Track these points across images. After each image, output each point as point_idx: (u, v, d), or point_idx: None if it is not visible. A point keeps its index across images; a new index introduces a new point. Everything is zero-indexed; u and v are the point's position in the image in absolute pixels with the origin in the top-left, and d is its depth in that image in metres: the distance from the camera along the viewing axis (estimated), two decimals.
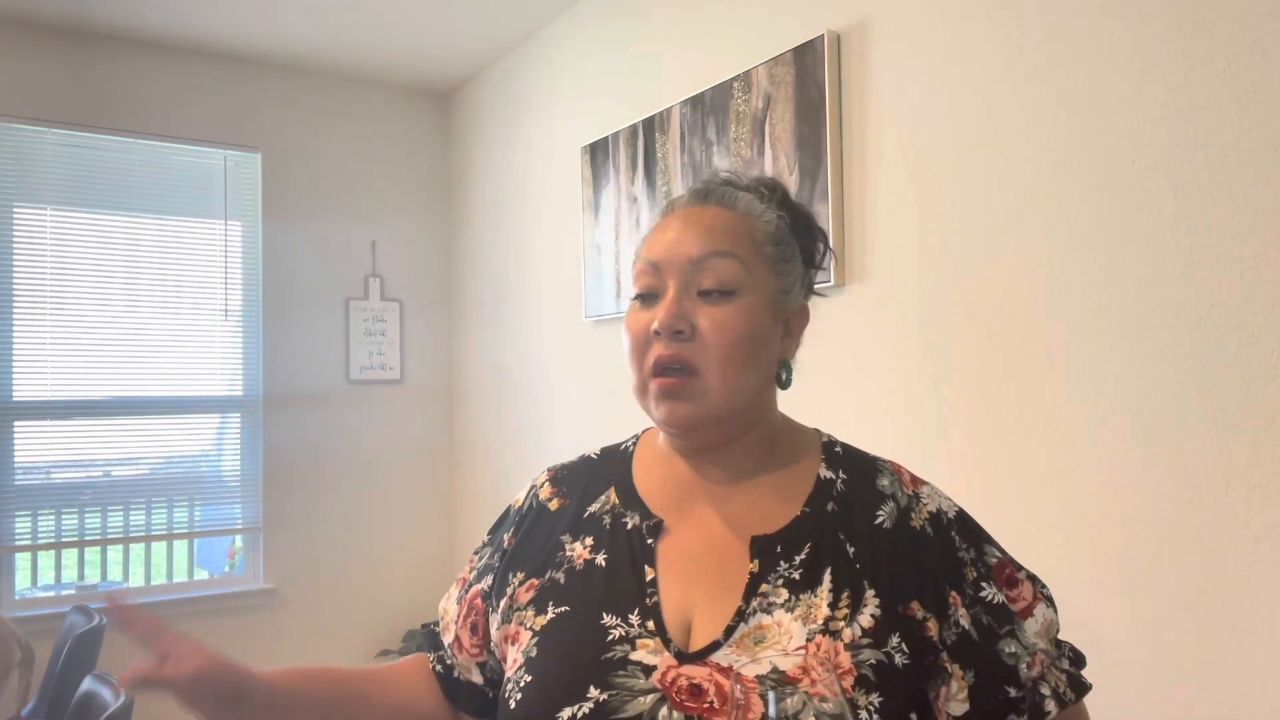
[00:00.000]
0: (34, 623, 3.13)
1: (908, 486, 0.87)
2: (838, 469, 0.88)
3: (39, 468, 3.32)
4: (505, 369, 3.64)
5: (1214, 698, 1.50)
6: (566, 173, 3.22)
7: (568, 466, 0.99)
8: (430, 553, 3.96)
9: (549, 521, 0.93)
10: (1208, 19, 1.52)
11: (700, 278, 0.84)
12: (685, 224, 0.87)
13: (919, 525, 0.84)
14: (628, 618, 0.81)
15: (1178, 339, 1.55)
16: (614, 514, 0.90)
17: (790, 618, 0.78)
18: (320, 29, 3.40)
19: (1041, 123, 1.76)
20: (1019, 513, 1.78)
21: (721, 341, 0.82)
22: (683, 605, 0.82)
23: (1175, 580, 1.55)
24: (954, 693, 0.79)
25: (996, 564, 0.85)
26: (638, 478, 0.92)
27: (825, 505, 0.85)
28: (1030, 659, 0.81)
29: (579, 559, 0.88)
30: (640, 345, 0.85)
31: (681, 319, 0.82)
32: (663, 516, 0.88)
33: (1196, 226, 1.53)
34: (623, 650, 0.79)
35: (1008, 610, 0.83)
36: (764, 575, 0.81)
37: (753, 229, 0.87)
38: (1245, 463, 1.47)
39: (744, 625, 0.79)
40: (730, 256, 0.85)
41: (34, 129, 3.28)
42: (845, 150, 2.15)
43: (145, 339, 3.48)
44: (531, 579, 0.89)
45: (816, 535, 0.83)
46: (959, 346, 1.91)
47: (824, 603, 0.79)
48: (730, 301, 0.84)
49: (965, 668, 0.80)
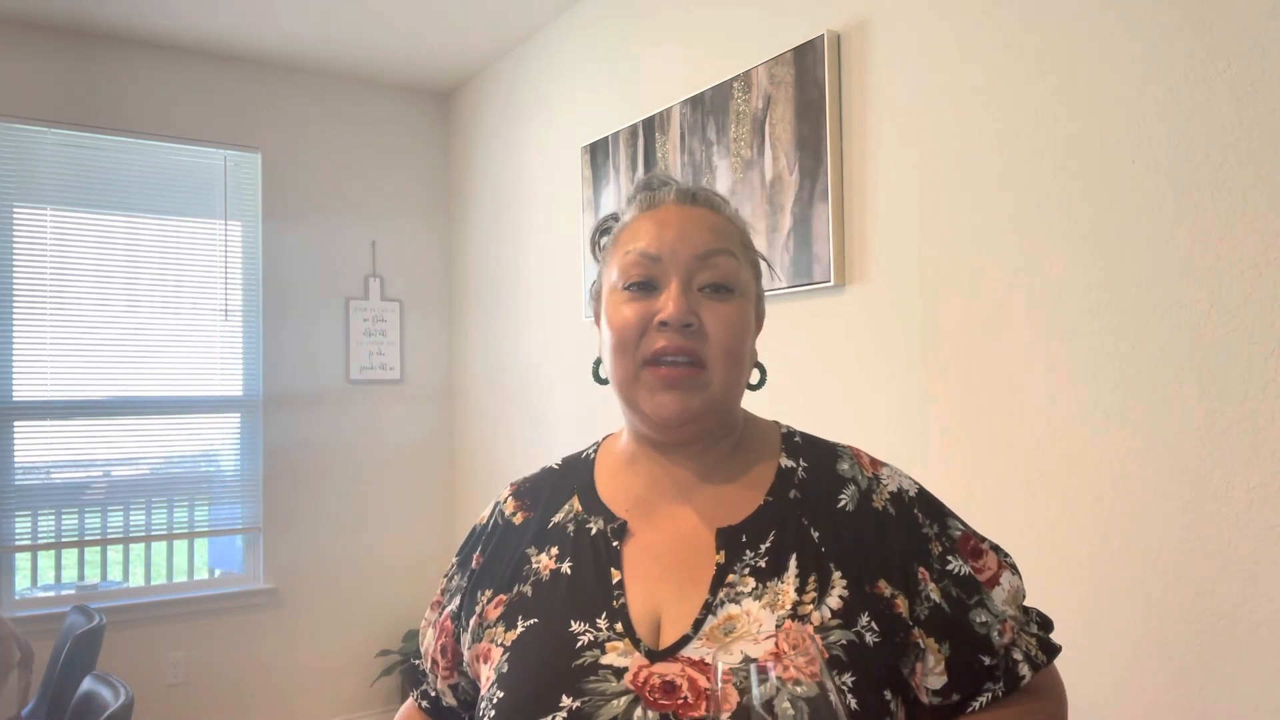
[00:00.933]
0: (34, 623, 3.13)
1: (867, 469, 0.88)
2: (798, 457, 0.89)
3: (39, 468, 3.32)
4: (505, 369, 3.64)
5: (1214, 698, 1.50)
6: (566, 173, 3.22)
7: (529, 479, 0.99)
8: (430, 553, 3.96)
9: (514, 536, 0.93)
10: (1208, 19, 1.52)
11: (703, 273, 0.85)
12: (683, 221, 0.87)
13: (881, 506, 0.85)
14: (595, 622, 0.81)
15: (1178, 339, 1.55)
16: (578, 521, 0.90)
17: (758, 606, 0.79)
18: (320, 29, 3.40)
19: (1041, 123, 1.76)
20: (1018, 512, 1.78)
21: (726, 336, 0.83)
22: (651, 604, 0.82)
23: (1175, 580, 1.55)
24: (931, 666, 0.80)
25: (960, 536, 0.86)
26: (600, 483, 0.92)
27: (788, 493, 0.86)
28: (1001, 626, 0.82)
29: (545, 570, 0.88)
30: (634, 334, 0.84)
31: (691, 312, 0.83)
32: (629, 518, 0.88)
33: (1196, 226, 1.53)
34: (592, 655, 0.79)
35: (975, 580, 0.83)
36: (730, 566, 0.82)
37: (740, 232, 0.91)
38: (1245, 463, 1.47)
39: (712, 617, 0.79)
40: (731, 255, 0.86)
41: (34, 129, 3.29)
42: (845, 150, 2.15)
43: (145, 339, 3.48)
44: (499, 595, 0.89)
45: (780, 522, 0.84)
46: (958, 346, 1.91)
47: (791, 588, 0.79)
48: (731, 299, 0.85)
49: (940, 640, 0.80)
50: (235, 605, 3.57)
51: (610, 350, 0.86)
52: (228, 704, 3.53)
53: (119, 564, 3.54)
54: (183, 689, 3.45)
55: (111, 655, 3.21)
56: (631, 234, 0.88)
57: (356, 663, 3.79)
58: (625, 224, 0.91)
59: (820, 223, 2.17)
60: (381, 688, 3.83)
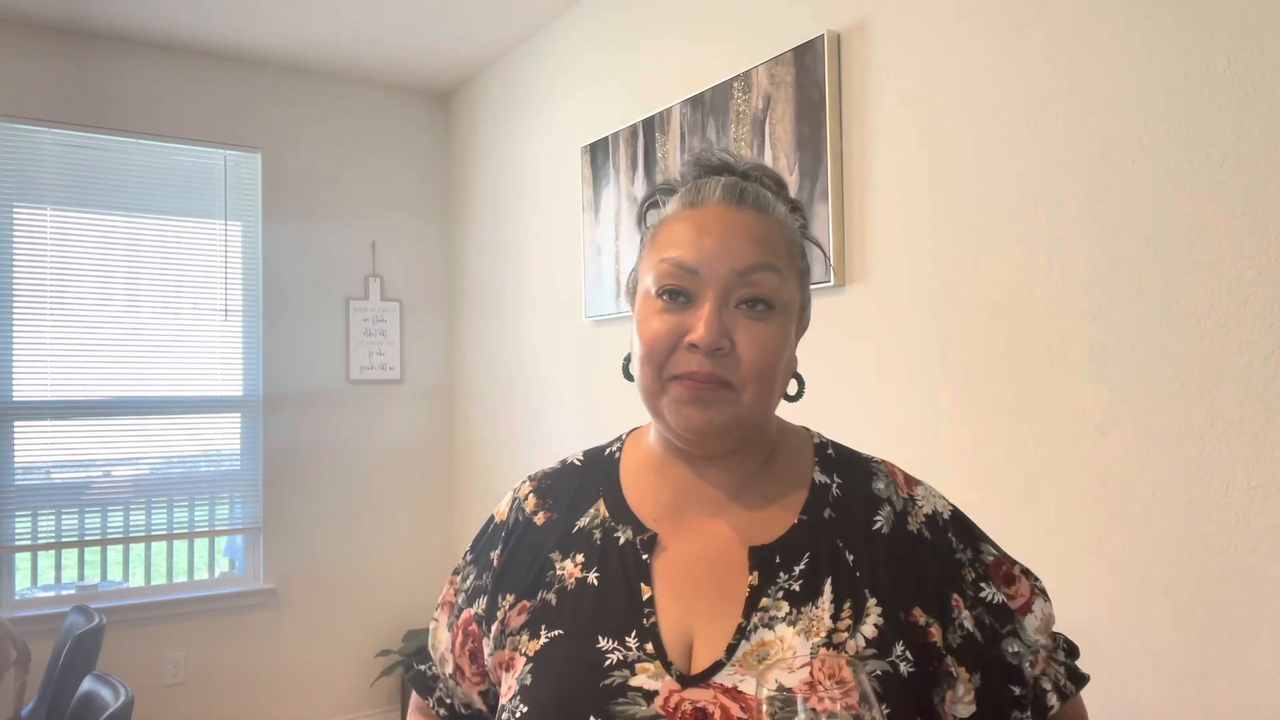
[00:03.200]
0: (34, 623, 3.13)
1: (902, 489, 0.86)
2: (831, 473, 0.86)
3: (39, 468, 3.32)
4: (505, 369, 3.64)
5: (1214, 698, 1.49)
6: (566, 173, 3.22)
7: (550, 475, 0.94)
8: (430, 553, 3.96)
9: (536, 537, 0.89)
10: (1208, 19, 1.52)
11: (742, 289, 0.79)
12: (726, 229, 0.81)
13: (916, 529, 0.83)
14: (625, 640, 0.78)
15: (1178, 339, 1.55)
16: (604, 528, 0.86)
17: (792, 632, 0.76)
18: (320, 29, 3.40)
19: (1041, 122, 1.76)
20: (1019, 513, 1.78)
21: (760, 359, 0.78)
22: (682, 624, 0.79)
23: (1175, 580, 1.55)
24: (960, 695, 0.78)
25: (993, 562, 0.84)
26: (627, 487, 0.88)
27: (822, 512, 0.83)
28: (1033, 657, 0.81)
29: (570, 578, 0.84)
30: (664, 349, 0.79)
31: (724, 336, 0.78)
32: (656, 529, 0.84)
33: (1196, 226, 1.53)
34: (621, 676, 0.76)
35: (1008, 609, 0.82)
36: (764, 588, 0.79)
37: (788, 240, 0.83)
38: (1245, 463, 1.46)
39: (746, 643, 0.76)
40: (773, 270, 0.80)
41: (34, 129, 3.29)
42: (845, 150, 2.15)
43: (145, 339, 3.48)
44: (523, 601, 0.85)
45: (815, 544, 0.81)
46: (958, 347, 1.91)
47: (826, 615, 0.77)
48: (771, 317, 0.80)
49: (971, 670, 0.79)
50: (235, 605, 3.57)
51: (638, 359, 0.82)
52: (228, 704, 3.53)
53: (119, 564, 3.54)
54: (183, 689, 3.45)
55: (111, 655, 3.21)
56: (669, 235, 0.83)
57: (356, 663, 3.79)
58: (666, 217, 0.85)
59: (820, 223, 2.17)
60: (381, 688, 3.83)
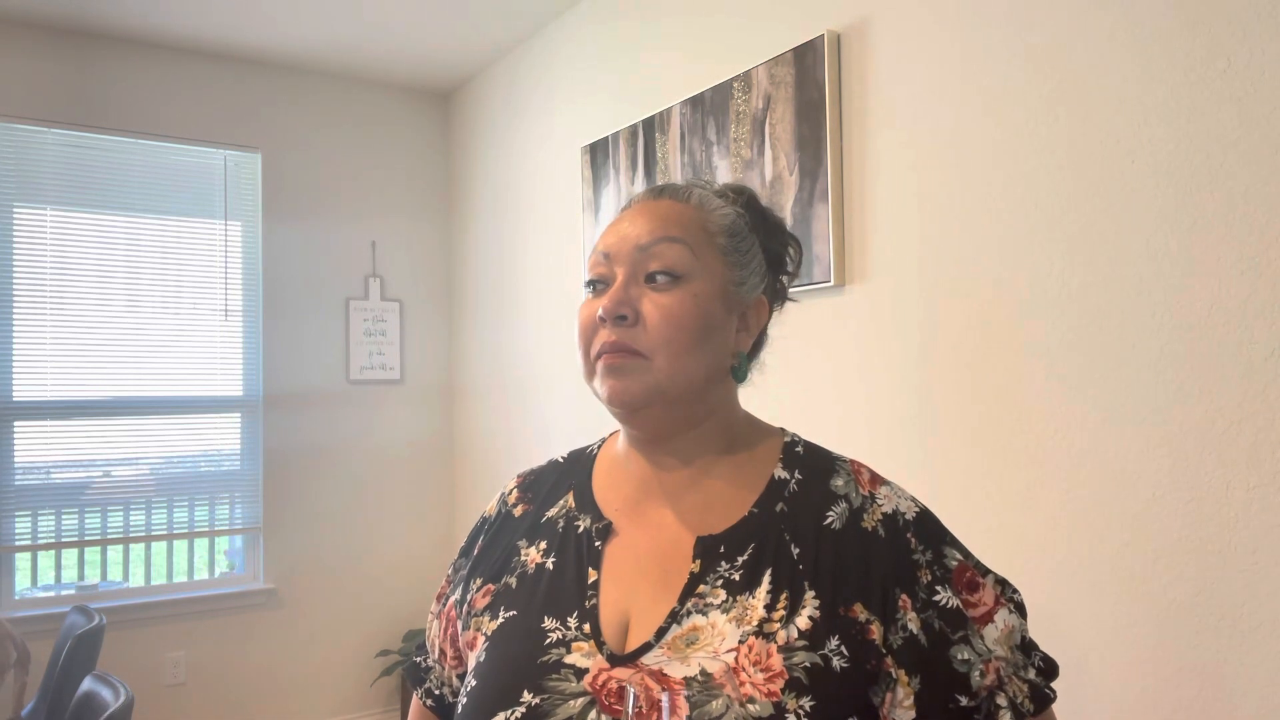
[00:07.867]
0: (34, 623, 3.13)
1: (864, 487, 0.85)
2: (794, 469, 0.87)
3: (39, 468, 3.32)
4: (505, 369, 3.64)
5: (1214, 698, 1.50)
6: (566, 173, 3.22)
7: (535, 472, 0.99)
8: (430, 552, 3.96)
9: (511, 527, 0.94)
10: (1207, 19, 1.52)
11: (648, 263, 0.84)
12: (637, 215, 0.87)
13: (871, 526, 0.82)
14: (566, 621, 0.82)
15: (1178, 339, 1.55)
16: (568, 517, 0.90)
17: (725, 619, 0.78)
18: (320, 29, 3.40)
19: (1041, 123, 1.76)
20: (1018, 514, 1.78)
21: (665, 325, 0.81)
22: (622, 607, 0.82)
23: (1175, 580, 1.55)
24: (900, 699, 0.76)
25: (957, 567, 0.82)
26: (596, 481, 0.93)
27: (774, 506, 0.84)
28: (984, 666, 0.78)
29: (531, 563, 0.89)
30: (588, 332, 0.85)
31: (625, 304, 0.82)
32: (616, 519, 0.88)
33: (1196, 226, 1.53)
34: (558, 653, 0.79)
35: (963, 615, 0.79)
36: (703, 576, 0.81)
37: (705, 219, 0.87)
38: (1245, 463, 1.47)
39: (677, 626, 0.78)
40: (678, 242, 0.84)
41: (34, 129, 3.29)
42: (845, 150, 2.15)
43: (145, 339, 3.48)
44: (488, 584, 0.90)
45: (761, 536, 0.82)
46: (958, 346, 1.91)
47: (760, 604, 0.78)
48: (677, 287, 0.83)
49: (911, 674, 0.76)
50: (235, 605, 3.57)
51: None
52: (228, 704, 3.53)
53: (119, 564, 3.54)
54: (183, 689, 3.45)
55: (111, 655, 3.21)
56: (602, 236, 0.90)
57: (356, 663, 3.80)
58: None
59: (820, 223, 2.17)
60: (381, 688, 3.83)
